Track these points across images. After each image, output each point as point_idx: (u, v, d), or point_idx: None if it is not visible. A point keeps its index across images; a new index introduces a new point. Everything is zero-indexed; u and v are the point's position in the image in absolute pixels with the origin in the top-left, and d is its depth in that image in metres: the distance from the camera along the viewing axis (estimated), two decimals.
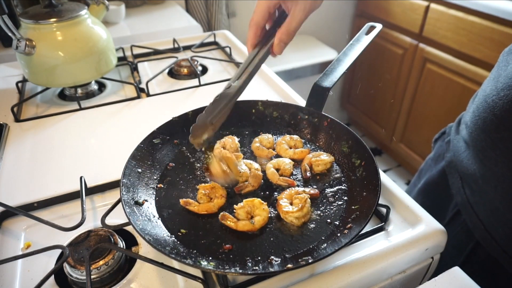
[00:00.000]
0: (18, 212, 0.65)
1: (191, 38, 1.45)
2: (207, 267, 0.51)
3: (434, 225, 0.62)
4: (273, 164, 0.72)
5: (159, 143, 0.75)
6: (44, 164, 0.81)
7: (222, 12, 2.15)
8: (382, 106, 2.49)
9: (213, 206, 0.63)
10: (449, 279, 0.52)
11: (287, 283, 0.55)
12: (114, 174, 0.74)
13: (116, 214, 0.62)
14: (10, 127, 0.94)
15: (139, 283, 0.56)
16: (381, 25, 0.84)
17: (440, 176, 0.83)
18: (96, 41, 1.02)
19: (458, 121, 0.82)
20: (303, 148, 0.76)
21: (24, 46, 0.92)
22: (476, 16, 1.72)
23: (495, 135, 0.63)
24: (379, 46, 2.36)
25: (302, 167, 0.71)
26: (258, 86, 1.11)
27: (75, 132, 0.92)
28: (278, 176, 0.69)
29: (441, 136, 0.90)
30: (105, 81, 1.14)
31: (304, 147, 0.78)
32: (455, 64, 1.87)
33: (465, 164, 0.72)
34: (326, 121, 0.78)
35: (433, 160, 0.90)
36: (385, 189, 0.70)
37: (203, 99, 1.05)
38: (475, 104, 0.71)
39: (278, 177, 0.69)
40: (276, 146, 0.78)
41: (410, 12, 2.06)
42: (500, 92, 0.62)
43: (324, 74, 0.80)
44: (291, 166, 0.71)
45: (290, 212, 0.60)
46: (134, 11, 1.85)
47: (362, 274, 0.56)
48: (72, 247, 0.57)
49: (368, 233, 0.62)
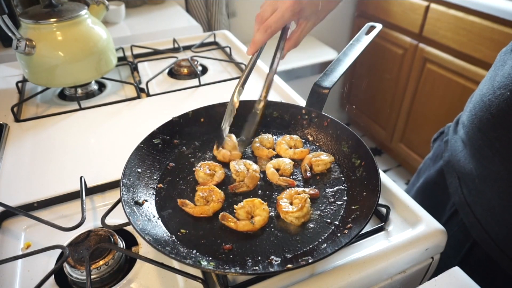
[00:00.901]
0: (18, 212, 0.65)
1: (191, 38, 1.45)
2: (207, 267, 0.51)
3: (434, 225, 0.62)
4: (273, 164, 0.72)
5: (159, 143, 0.75)
6: (44, 164, 0.81)
7: (222, 12, 2.15)
8: (382, 106, 2.49)
9: (208, 210, 0.62)
10: (449, 279, 0.52)
11: (287, 283, 0.55)
12: (114, 174, 0.74)
13: (116, 214, 0.62)
14: (10, 127, 0.94)
15: (139, 283, 0.56)
16: (381, 25, 0.84)
17: (438, 176, 0.84)
18: (96, 41, 1.02)
19: (456, 121, 0.82)
20: (303, 148, 0.76)
21: (24, 46, 0.92)
22: (476, 16, 1.72)
23: (492, 134, 0.63)
24: (379, 46, 2.36)
25: (302, 167, 0.71)
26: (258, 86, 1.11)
27: (75, 132, 0.92)
28: (278, 176, 0.69)
29: (439, 136, 0.90)
30: (105, 81, 1.14)
31: (304, 147, 0.78)
32: (455, 64, 1.87)
33: (462, 163, 0.72)
34: (326, 121, 0.78)
35: (431, 160, 0.90)
36: (385, 189, 0.70)
37: (203, 99, 1.05)
38: (472, 103, 0.72)
39: (278, 177, 0.69)
40: (276, 146, 0.78)
41: (410, 12, 2.06)
42: (496, 91, 0.62)
43: (324, 74, 0.80)
44: (291, 166, 0.71)
45: (290, 212, 0.60)
46: (134, 11, 1.86)
47: (362, 274, 0.56)
48: (72, 247, 0.57)
49: (368, 233, 0.62)
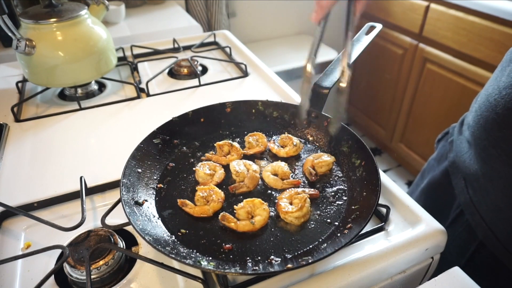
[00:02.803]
0: (18, 212, 0.65)
1: (191, 38, 1.45)
2: (207, 267, 0.51)
3: (434, 225, 0.62)
4: (270, 171, 0.71)
5: (159, 143, 0.75)
6: (44, 164, 0.81)
7: (222, 12, 2.15)
8: (382, 106, 2.49)
9: (208, 209, 0.62)
10: (449, 279, 0.52)
11: (287, 283, 0.55)
12: (114, 174, 0.74)
13: (116, 214, 0.62)
14: (10, 127, 0.94)
15: (139, 283, 0.56)
16: (381, 25, 0.84)
17: (443, 176, 0.83)
18: (96, 41, 1.02)
19: (461, 122, 0.82)
20: (293, 144, 0.76)
21: (24, 46, 0.92)
22: (476, 16, 1.72)
23: (497, 134, 0.63)
24: (379, 46, 2.36)
25: (306, 171, 0.70)
26: (258, 86, 1.11)
27: (75, 132, 0.92)
28: (281, 181, 0.69)
29: (444, 137, 0.90)
30: (105, 81, 1.14)
31: (304, 147, 0.78)
32: (455, 64, 1.87)
33: (468, 164, 0.72)
34: (326, 121, 0.78)
35: (436, 161, 0.90)
36: (385, 189, 0.70)
37: (203, 99, 1.05)
38: (477, 104, 0.71)
39: (281, 182, 0.68)
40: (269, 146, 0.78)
41: (410, 12, 2.06)
42: (502, 91, 0.62)
43: (324, 74, 0.80)
44: (287, 168, 0.71)
45: (289, 212, 0.60)
46: (134, 11, 1.86)
47: (362, 274, 0.56)
48: (72, 247, 0.57)
49: (368, 233, 0.62)
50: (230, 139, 0.80)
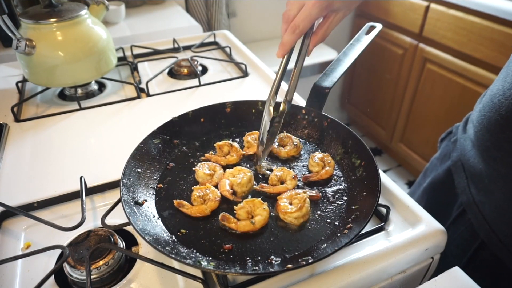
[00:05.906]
0: (18, 212, 0.65)
1: (191, 38, 1.45)
2: (207, 267, 0.51)
3: (434, 225, 0.62)
4: (275, 181, 0.68)
5: (159, 143, 0.75)
6: (44, 164, 0.81)
7: (222, 12, 2.15)
8: (382, 106, 2.49)
9: (206, 209, 0.62)
10: (449, 279, 0.52)
11: (287, 283, 0.55)
12: (114, 174, 0.74)
13: (116, 214, 0.62)
14: (10, 127, 0.94)
15: (139, 283, 0.56)
16: (381, 25, 0.84)
17: (445, 176, 0.83)
18: (96, 41, 1.02)
19: (465, 120, 0.81)
20: (291, 145, 0.75)
21: (24, 46, 0.92)
22: (476, 16, 1.72)
23: (500, 135, 0.63)
24: (379, 46, 2.36)
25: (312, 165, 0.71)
26: (258, 86, 1.11)
27: (75, 132, 0.92)
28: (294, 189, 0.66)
29: (447, 136, 0.90)
30: (105, 81, 1.14)
31: (304, 147, 0.78)
32: (455, 64, 1.87)
33: (472, 163, 0.72)
34: (326, 121, 0.78)
35: (438, 160, 0.89)
36: (385, 189, 0.70)
37: (203, 99, 1.05)
38: (481, 104, 0.71)
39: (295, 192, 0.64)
40: None
41: (410, 12, 2.06)
42: (506, 92, 0.62)
43: (324, 74, 0.80)
44: (292, 174, 0.69)
45: (289, 213, 0.60)
46: (134, 11, 1.85)
47: (362, 274, 0.56)
48: (72, 247, 0.57)
49: (368, 233, 0.62)
50: (230, 139, 0.80)
